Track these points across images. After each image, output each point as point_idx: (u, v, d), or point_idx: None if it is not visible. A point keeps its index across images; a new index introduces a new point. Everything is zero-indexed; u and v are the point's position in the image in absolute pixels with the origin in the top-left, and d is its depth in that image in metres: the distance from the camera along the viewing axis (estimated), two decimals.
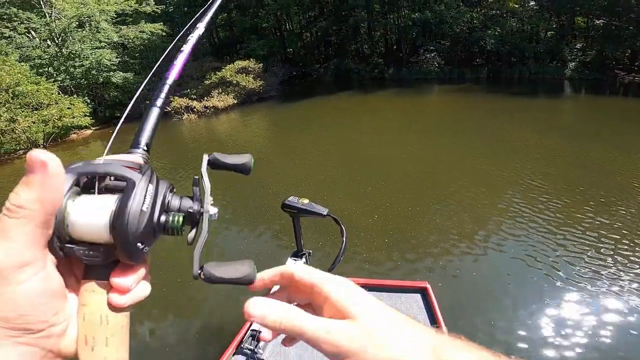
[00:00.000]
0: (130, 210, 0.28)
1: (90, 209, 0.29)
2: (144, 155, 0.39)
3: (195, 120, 15.96)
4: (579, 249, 4.07)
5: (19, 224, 0.25)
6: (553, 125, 9.20)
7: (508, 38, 16.93)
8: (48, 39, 16.56)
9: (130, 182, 0.30)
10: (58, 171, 0.27)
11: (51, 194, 0.27)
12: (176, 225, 0.32)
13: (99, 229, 0.28)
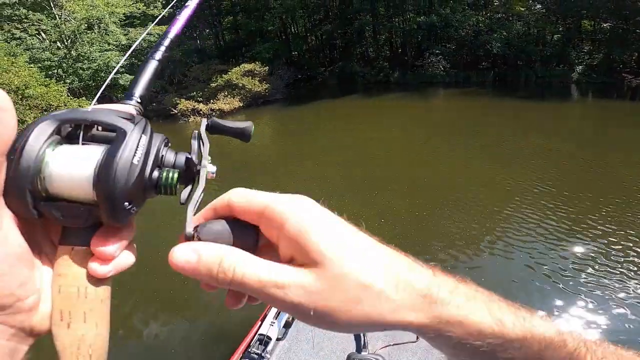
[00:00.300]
0: (119, 161, 0.24)
1: (73, 159, 0.25)
2: (137, 107, 0.35)
3: (201, 123, 16.02)
4: (588, 256, 4.03)
5: None
6: (561, 130, 9.13)
7: (514, 41, 16.86)
8: (58, 41, 16.80)
9: (121, 132, 0.26)
10: (6, 105, 0.22)
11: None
12: (170, 183, 0.28)
13: (81, 182, 0.24)
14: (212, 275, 0.26)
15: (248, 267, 0.25)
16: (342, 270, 0.25)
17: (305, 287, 0.25)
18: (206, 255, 0.26)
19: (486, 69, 18.12)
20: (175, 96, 18.11)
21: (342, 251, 0.26)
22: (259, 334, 2.28)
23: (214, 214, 0.30)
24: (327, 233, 0.26)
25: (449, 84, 17.51)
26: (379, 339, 2.40)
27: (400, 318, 0.25)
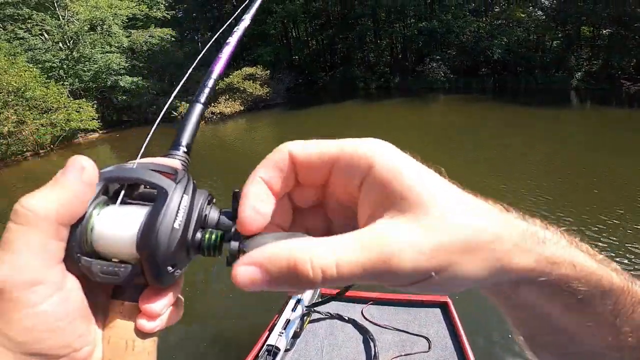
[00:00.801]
0: (160, 227, 0.24)
1: (117, 220, 0.25)
2: (184, 158, 0.34)
3: (202, 127, 16.03)
4: None
5: (25, 232, 0.21)
6: (561, 137, 9.16)
7: (514, 47, 16.99)
8: (60, 42, 16.81)
9: (162, 192, 0.25)
10: (91, 180, 0.24)
11: (75, 203, 0.23)
12: (212, 244, 0.27)
13: (124, 243, 0.25)
14: (293, 283, 0.20)
15: (338, 257, 0.19)
16: (452, 212, 0.21)
17: (418, 245, 0.20)
18: (272, 264, 0.20)
19: (486, 75, 18.23)
20: (175, 99, 18.11)
21: (444, 192, 0.22)
22: (267, 345, 2.23)
23: (275, 171, 0.25)
24: (423, 172, 0.22)
25: (450, 90, 17.58)
26: (389, 349, 2.35)
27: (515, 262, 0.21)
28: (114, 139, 15.90)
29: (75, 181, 0.23)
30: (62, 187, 0.23)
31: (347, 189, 0.24)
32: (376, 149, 0.23)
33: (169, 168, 0.28)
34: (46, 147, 14.45)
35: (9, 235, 0.21)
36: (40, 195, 0.22)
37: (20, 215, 0.21)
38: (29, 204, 0.22)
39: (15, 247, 0.21)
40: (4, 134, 12.55)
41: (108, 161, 12.83)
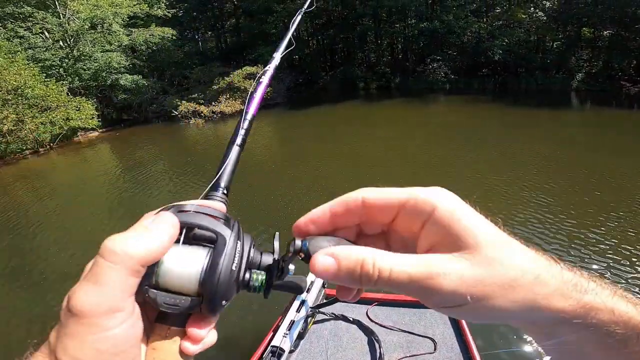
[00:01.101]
0: (222, 269, 0.29)
1: (183, 259, 0.29)
2: (224, 200, 0.39)
3: (203, 125, 16.01)
4: (589, 265, 4.00)
5: (113, 269, 0.24)
6: (561, 138, 9.14)
7: (515, 48, 16.99)
8: (60, 40, 16.75)
9: (222, 239, 0.30)
10: (175, 236, 0.29)
11: (159, 252, 0.27)
12: (258, 285, 0.32)
13: (189, 280, 0.29)
14: (355, 277, 0.26)
15: (394, 264, 0.25)
16: (499, 254, 0.25)
17: (460, 273, 0.24)
18: (346, 258, 0.26)
19: (487, 76, 18.23)
20: (176, 98, 18.07)
21: (495, 237, 0.25)
22: (272, 346, 2.20)
23: (345, 209, 0.30)
24: (477, 219, 0.26)
25: (450, 91, 17.57)
26: (395, 350, 2.33)
27: (553, 304, 0.25)
28: (114, 138, 15.86)
29: (165, 235, 0.27)
30: (152, 237, 0.27)
31: (410, 227, 0.29)
32: (438, 197, 0.27)
33: (222, 214, 0.33)
34: (46, 146, 14.40)
35: (98, 269, 0.25)
36: (132, 239, 0.26)
37: (111, 253, 0.25)
38: (121, 246, 0.25)
39: (103, 280, 0.24)
40: (3, 133, 12.50)
41: (108, 160, 12.79)
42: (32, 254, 5.93)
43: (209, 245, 0.30)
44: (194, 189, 8.01)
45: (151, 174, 9.67)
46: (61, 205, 8.28)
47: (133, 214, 7.12)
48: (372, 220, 0.31)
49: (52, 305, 4.37)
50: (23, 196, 9.32)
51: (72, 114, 14.71)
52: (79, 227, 6.88)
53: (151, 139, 14.66)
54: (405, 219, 0.29)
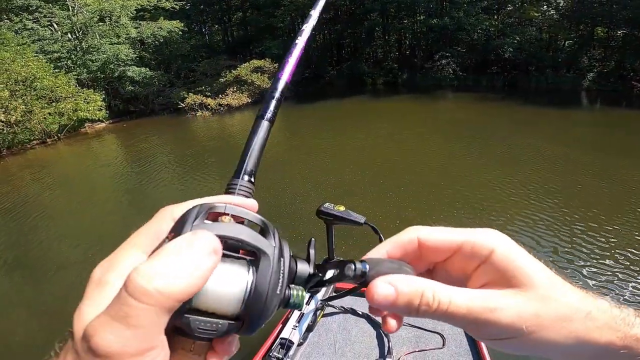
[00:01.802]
0: (269, 292, 0.26)
1: (222, 279, 0.26)
2: (251, 189, 0.34)
3: (209, 118, 16.04)
4: (598, 265, 3.98)
5: (150, 311, 0.21)
6: (571, 137, 9.05)
7: (526, 46, 16.75)
8: (69, 32, 16.80)
9: (266, 257, 0.27)
10: (218, 260, 0.24)
11: (200, 284, 0.23)
12: (299, 303, 0.29)
13: (229, 303, 0.25)
14: (413, 307, 0.27)
15: (453, 296, 0.27)
16: (553, 292, 0.27)
17: (518, 306, 0.26)
18: (406, 289, 0.27)
19: (496, 74, 18.03)
20: (182, 90, 18.09)
21: (548, 277, 0.28)
22: (281, 338, 2.21)
23: (402, 252, 0.31)
24: (531, 261, 0.28)
25: (458, 88, 17.41)
26: (403, 345, 2.33)
27: (604, 336, 0.27)
28: (121, 129, 15.94)
29: (206, 265, 0.23)
30: (191, 270, 0.22)
31: (465, 267, 0.30)
32: (495, 240, 0.29)
33: (259, 219, 0.30)
34: (53, 136, 14.52)
35: (127, 309, 0.21)
36: (168, 276, 0.22)
37: (144, 294, 0.21)
38: (156, 285, 0.21)
39: (135, 322, 0.21)
40: (11, 123, 12.60)
41: (114, 151, 12.87)
42: (34, 242, 5.98)
43: (247, 258, 0.28)
44: (200, 180, 8.05)
45: (157, 165, 9.73)
46: (66, 194, 8.38)
47: (138, 204, 7.18)
48: (423, 259, 0.32)
49: (50, 294, 4.45)
50: (28, 185, 9.43)
51: (81, 105, 14.81)
52: (83, 217, 6.96)
53: (158, 130, 14.73)
54: (461, 259, 0.30)
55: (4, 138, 12.81)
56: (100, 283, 0.25)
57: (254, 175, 0.35)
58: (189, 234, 0.24)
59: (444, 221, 5.07)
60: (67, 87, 14.62)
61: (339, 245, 2.08)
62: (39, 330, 3.82)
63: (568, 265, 3.99)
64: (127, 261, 0.26)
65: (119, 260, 0.26)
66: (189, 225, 0.26)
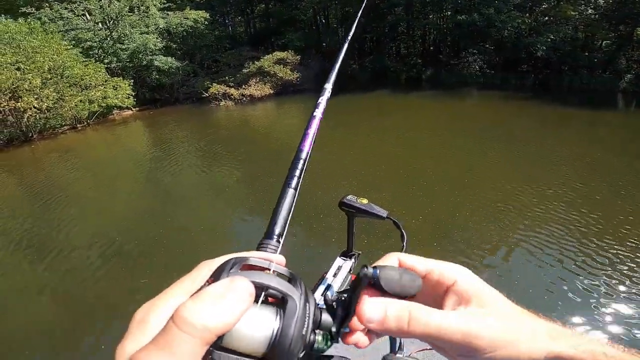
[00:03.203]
0: (294, 334, 0.28)
1: (253, 321, 0.28)
2: (277, 247, 0.39)
3: (232, 107, 16.29)
4: (624, 271, 3.82)
5: (192, 342, 0.24)
6: (604, 140, 8.62)
7: (560, 45, 15.99)
8: (100, 22, 17.38)
9: (292, 302, 0.29)
10: (251, 301, 0.28)
11: (234, 323, 0.26)
12: (323, 348, 0.32)
13: (258, 344, 0.28)
14: (402, 327, 0.31)
15: (442, 319, 0.31)
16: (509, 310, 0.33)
17: (486, 323, 0.31)
18: (394, 310, 0.32)
19: (526, 72, 17.32)
20: (206, 80, 18.41)
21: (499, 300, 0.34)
22: None
23: (432, 276, 0.36)
24: (489, 289, 0.35)
25: (485, 86, 16.86)
26: (413, 342, 2.33)
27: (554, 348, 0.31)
28: (147, 117, 16.45)
29: (242, 306, 0.26)
30: (230, 308, 0.26)
31: (433, 292, 0.36)
32: (458, 272, 0.35)
33: (287, 271, 0.34)
34: (83, 122, 15.17)
35: (172, 338, 0.24)
36: (211, 312, 0.25)
37: (190, 326, 0.24)
38: (200, 319, 0.24)
39: (178, 351, 0.23)
40: (43, 109, 13.22)
41: (140, 137, 13.31)
42: (55, 224, 6.21)
43: (274, 304, 0.30)
44: (222, 169, 8.22)
45: (180, 152, 10.01)
46: (88, 178, 8.76)
47: (158, 191, 7.36)
48: None
49: (63, 276, 4.60)
50: (55, 168, 9.88)
51: (110, 93, 15.35)
52: (107, 200, 7.25)
53: (183, 118, 15.13)
54: (430, 285, 0.36)
55: (36, 123, 13.46)
56: (142, 322, 0.28)
57: (281, 236, 0.40)
58: (228, 279, 0.28)
59: (462, 220, 5.00)
60: (96, 75, 15.17)
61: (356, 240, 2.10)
62: (58, 314, 4.00)
63: (593, 270, 3.85)
64: (167, 304, 0.29)
65: (160, 305, 0.29)
66: (226, 273, 0.30)
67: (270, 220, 0.41)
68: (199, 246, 4.96)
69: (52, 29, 15.06)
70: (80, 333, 3.61)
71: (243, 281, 0.27)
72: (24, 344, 3.56)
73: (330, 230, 4.91)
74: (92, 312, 3.90)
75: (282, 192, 0.44)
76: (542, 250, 4.30)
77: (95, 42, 17.03)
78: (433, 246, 4.47)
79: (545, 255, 4.22)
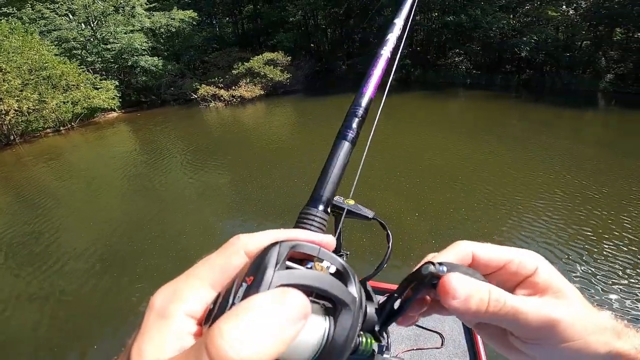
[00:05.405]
0: (345, 345, 0.24)
1: None
2: (325, 221, 0.32)
3: (222, 109, 16.13)
4: (615, 263, 3.97)
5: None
6: (587, 137, 8.91)
7: (543, 46, 16.39)
8: (84, 23, 17.00)
9: (347, 310, 0.25)
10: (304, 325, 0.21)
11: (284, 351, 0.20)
12: (368, 351, 0.27)
13: (303, 352, 0.23)
14: (482, 308, 0.29)
15: (523, 303, 0.30)
16: (585, 303, 0.32)
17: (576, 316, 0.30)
18: (477, 289, 0.30)
19: (510, 73, 17.69)
20: (194, 81, 18.18)
21: (578, 293, 0.33)
22: None
23: (458, 262, 0.33)
24: (566, 280, 0.33)
25: (472, 85, 17.16)
26: (402, 342, 2.37)
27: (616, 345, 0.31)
28: (133, 119, 16.15)
29: (294, 333, 0.20)
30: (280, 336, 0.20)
31: (508, 281, 0.34)
32: (539, 260, 0.33)
33: (339, 263, 0.27)
34: (67, 125, 14.80)
35: None
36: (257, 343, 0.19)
37: None
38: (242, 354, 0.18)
39: None
40: (23, 112, 12.82)
41: (126, 141, 13.05)
42: (43, 230, 6.09)
43: (324, 304, 0.26)
44: (213, 172, 8.13)
45: (170, 155, 9.86)
46: (75, 183, 8.55)
47: (148, 194, 7.26)
48: None
49: (53, 284, 4.50)
50: (40, 173, 9.62)
51: (92, 93, 14.99)
52: (93, 206, 7.11)
53: (171, 120, 14.88)
54: (507, 274, 0.33)
55: (18, 126, 13.07)
56: (163, 316, 0.23)
57: (329, 204, 0.32)
58: (278, 293, 0.21)
59: (454, 217, 5.09)
60: (77, 75, 14.79)
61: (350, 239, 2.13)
62: (50, 322, 3.92)
63: (582, 262, 3.98)
64: (192, 293, 0.24)
65: (183, 291, 0.24)
66: (271, 270, 0.23)
67: (318, 181, 0.33)
68: (192, 249, 4.94)
69: (32, 30, 14.65)
70: (75, 341, 3.55)
71: (299, 298, 0.21)
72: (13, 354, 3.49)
73: None
74: (86, 318, 3.84)
75: (335, 145, 0.35)
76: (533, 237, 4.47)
77: (79, 43, 16.65)
78: (432, 243, 4.55)
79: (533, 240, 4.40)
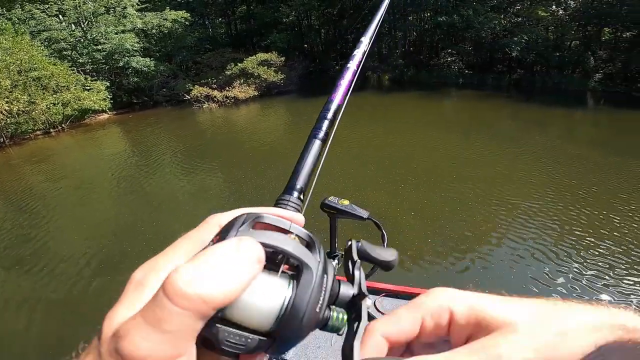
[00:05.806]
0: (308, 309, 0.24)
1: (260, 290, 0.24)
2: (298, 205, 0.33)
3: (216, 110, 16.05)
4: (603, 259, 4.04)
5: (185, 316, 0.20)
6: (574, 136, 9.07)
7: (533, 46, 16.62)
8: (74, 23, 16.78)
9: (308, 272, 0.25)
10: (260, 268, 0.23)
11: (239, 293, 0.22)
12: (339, 326, 0.27)
13: (264, 318, 0.24)
14: None
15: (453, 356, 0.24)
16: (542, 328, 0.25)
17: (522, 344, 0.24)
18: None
19: (502, 72, 17.90)
20: (187, 82, 18.05)
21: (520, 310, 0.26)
22: None
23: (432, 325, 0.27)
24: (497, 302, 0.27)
25: (464, 85, 17.35)
26: None
27: (592, 338, 0.24)
28: (125, 120, 15.97)
29: (248, 274, 0.22)
30: (233, 276, 0.21)
31: (435, 332, 0.27)
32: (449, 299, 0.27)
33: (305, 234, 0.28)
34: (57, 127, 14.57)
35: (162, 313, 0.20)
36: (209, 280, 0.20)
37: (183, 297, 0.20)
38: (196, 289, 0.20)
39: (168, 327, 0.20)
40: (13, 113, 12.61)
41: (117, 142, 12.90)
42: (34, 234, 6.00)
43: (288, 272, 0.26)
44: (207, 173, 8.06)
45: (163, 157, 9.76)
46: (67, 185, 8.42)
47: (140, 196, 7.18)
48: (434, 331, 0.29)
49: (44, 288, 4.46)
50: (30, 175, 9.48)
51: (83, 94, 14.81)
52: (85, 208, 7.00)
53: (164, 122, 14.77)
54: (429, 327, 0.27)
55: (7, 127, 12.84)
56: (139, 285, 0.24)
57: (303, 193, 0.35)
58: (234, 239, 0.23)
59: (449, 216, 5.11)
60: (66, 76, 14.59)
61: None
62: (39, 328, 3.86)
63: (572, 263, 4.02)
64: (169, 265, 0.25)
65: (161, 264, 0.25)
66: (234, 231, 0.25)
67: (292, 173, 0.36)
68: None
69: (22, 30, 14.42)
70: (67, 345, 3.48)
71: (251, 243, 0.23)
72: None
73: (311, 229, 4.93)
74: (79, 321, 3.77)
75: (308, 142, 0.40)
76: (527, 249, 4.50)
77: (69, 44, 16.42)
78: (427, 242, 4.58)
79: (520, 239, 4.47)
